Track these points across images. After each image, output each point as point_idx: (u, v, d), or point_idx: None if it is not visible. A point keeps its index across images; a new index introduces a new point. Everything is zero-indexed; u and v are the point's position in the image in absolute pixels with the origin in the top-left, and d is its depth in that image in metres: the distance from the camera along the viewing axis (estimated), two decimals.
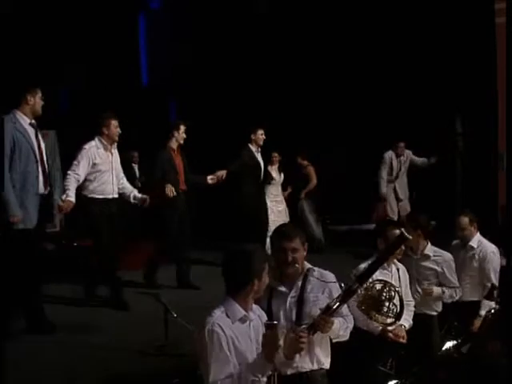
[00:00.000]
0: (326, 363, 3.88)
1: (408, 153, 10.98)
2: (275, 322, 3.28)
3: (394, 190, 10.95)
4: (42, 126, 13.16)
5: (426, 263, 5.67)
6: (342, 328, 3.83)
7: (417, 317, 5.31)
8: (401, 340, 4.76)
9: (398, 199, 10.97)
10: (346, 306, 3.89)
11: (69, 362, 5.93)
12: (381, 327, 4.62)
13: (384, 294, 4.47)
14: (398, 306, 4.45)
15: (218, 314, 3.29)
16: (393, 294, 4.49)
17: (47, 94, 6.79)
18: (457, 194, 11.34)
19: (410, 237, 3.75)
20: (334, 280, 3.90)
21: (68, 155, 13.19)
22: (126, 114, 13.40)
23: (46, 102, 7.00)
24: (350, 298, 3.70)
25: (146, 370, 5.80)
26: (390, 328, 4.65)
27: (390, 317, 4.45)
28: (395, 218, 10.57)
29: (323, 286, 3.85)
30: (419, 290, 5.62)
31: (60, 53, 13.14)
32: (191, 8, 13.62)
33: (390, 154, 10.90)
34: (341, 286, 3.73)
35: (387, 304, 4.46)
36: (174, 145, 8.58)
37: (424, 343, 5.21)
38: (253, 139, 9.69)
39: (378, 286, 4.49)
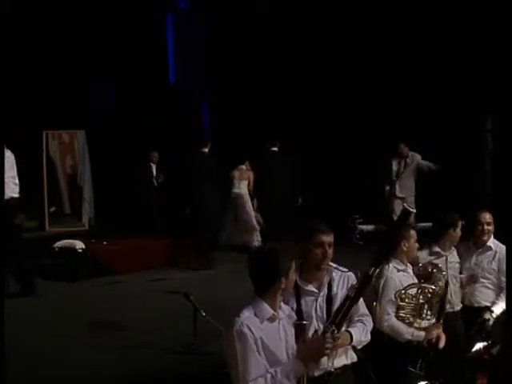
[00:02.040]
0: (355, 356, 3.88)
1: (414, 155, 11.27)
2: (304, 322, 3.25)
3: (395, 189, 11.34)
4: (72, 126, 13.44)
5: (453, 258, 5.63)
6: (362, 334, 3.80)
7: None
8: (441, 342, 4.62)
9: (398, 198, 11.24)
10: (364, 304, 3.86)
11: (97, 360, 6.00)
12: (424, 333, 4.52)
13: (421, 298, 4.41)
14: (438, 305, 4.41)
15: (247, 314, 3.25)
16: (429, 295, 4.42)
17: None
18: (485, 193, 11.19)
19: (414, 210, 3.66)
20: (353, 276, 3.87)
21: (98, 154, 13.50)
22: (153, 112, 13.60)
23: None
24: (367, 284, 3.66)
25: (174, 368, 5.86)
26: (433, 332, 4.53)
27: (431, 319, 4.40)
28: (394, 217, 10.90)
29: (346, 282, 3.84)
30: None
31: (88, 54, 13.28)
32: (218, 7, 13.65)
33: (391, 159, 11.36)
34: (357, 275, 3.73)
35: (426, 307, 4.40)
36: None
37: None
38: None
39: (412, 292, 4.44)
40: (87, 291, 8.68)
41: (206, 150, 10.37)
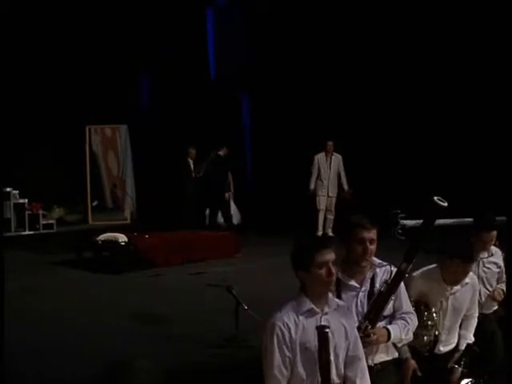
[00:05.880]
0: (397, 352, 3.84)
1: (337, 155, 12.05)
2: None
3: (327, 187, 12.11)
4: (115, 121, 13.59)
5: (493, 259, 5.44)
6: (403, 332, 3.76)
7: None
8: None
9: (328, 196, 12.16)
10: (408, 302, 3.83)
11: (139, 352, 6.01)
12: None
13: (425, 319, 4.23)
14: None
15: (287, 308, 3.23)
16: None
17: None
18: None
19: (446, 204, 3.58)
20: (389, 268, 3.81)
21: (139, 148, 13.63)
22: (194, 109, 13.66)
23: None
24: (399, 280, 3.63)
25: (215, 361, 5.87)
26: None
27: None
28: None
29: (388, 277, 3.79)
30: (487, 291, 5.34)
31: (130, 50, 13.40)
32: (257, 3, 13.64)
33: (318, 156, 12.04)
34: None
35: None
36: None
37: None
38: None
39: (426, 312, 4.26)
40: (129, 284, 8.78)
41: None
